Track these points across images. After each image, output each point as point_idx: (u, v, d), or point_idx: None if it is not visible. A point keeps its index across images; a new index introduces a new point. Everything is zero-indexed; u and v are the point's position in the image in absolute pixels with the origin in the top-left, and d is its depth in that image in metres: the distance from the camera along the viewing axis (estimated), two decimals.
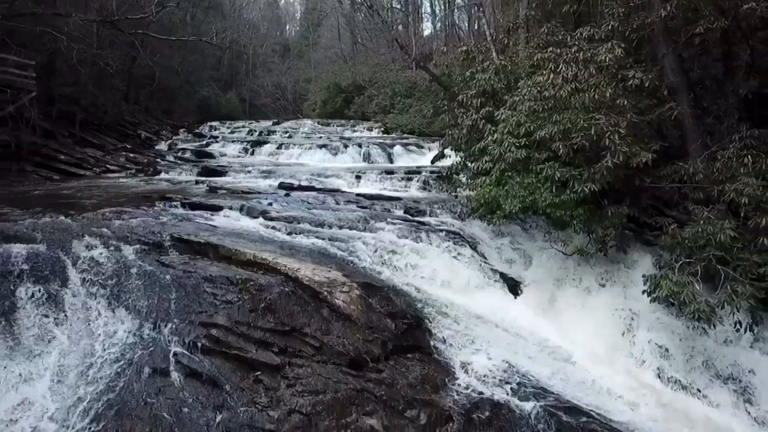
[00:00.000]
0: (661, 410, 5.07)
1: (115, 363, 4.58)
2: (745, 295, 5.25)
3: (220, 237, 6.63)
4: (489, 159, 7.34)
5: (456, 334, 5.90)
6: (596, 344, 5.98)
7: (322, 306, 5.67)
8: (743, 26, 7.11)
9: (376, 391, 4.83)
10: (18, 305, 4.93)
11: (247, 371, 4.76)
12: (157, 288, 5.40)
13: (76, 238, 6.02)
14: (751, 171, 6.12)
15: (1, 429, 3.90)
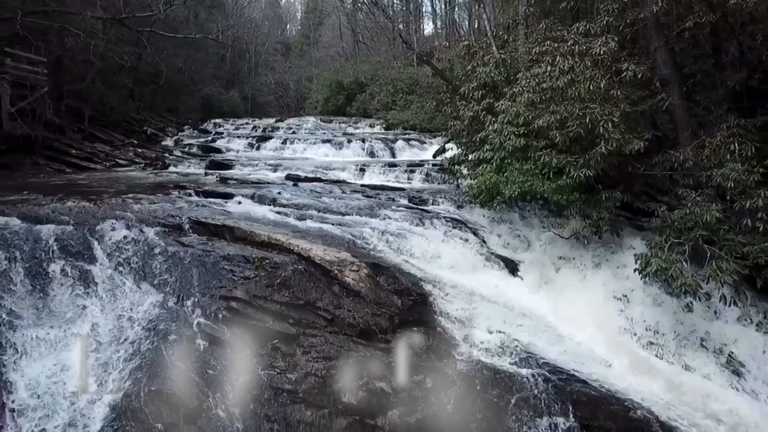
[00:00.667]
0: (650, 378, 5.43)
1: (143, 330, 4.96)
2: (729, 270, 5.61)
3: (235, 220, 6.99)
4: (489, 148, 7.71)
5: (458, 310, 6.25)
6: (590, 320, 6.33)
7: (333, 283, 6.04)
8: (731, 21, 7.47)
9: (384, 359, 5.20)
10: (52, 279, 5.31)
11: (265, 340, 5.13)
12: (179, 265, 5.77)
13: (100, 220, 6.39)
14: (737, 157, 6.46)
15: (46, 386, 4.26)
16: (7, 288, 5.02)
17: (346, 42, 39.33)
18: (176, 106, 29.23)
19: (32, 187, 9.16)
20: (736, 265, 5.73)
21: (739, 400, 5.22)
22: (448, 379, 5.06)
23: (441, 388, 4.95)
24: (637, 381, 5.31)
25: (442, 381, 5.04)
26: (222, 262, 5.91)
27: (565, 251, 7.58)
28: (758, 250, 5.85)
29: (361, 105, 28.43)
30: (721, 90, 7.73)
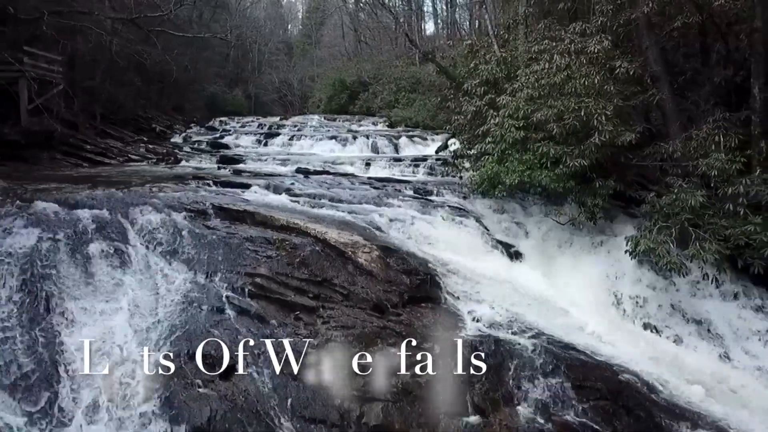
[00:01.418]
0: (637, 347, 5.94)
1: (177, 302, 5.46)
2: (711, 250, 6.13)
3: (255, 207, 7.50)
4: (491, 140, 8.23)
5: (462, 288, 6.77)
6: (586, 297, 6.85)
7: (348, 263, 6.56)
8: (717, 21, 8.00)
9: (396, 329, 5.71)
10: (93, 257, 5.82)
11: (287, 311, 5.64)
12: (206, 246, 6.29)
13: (131, 206, 6.90)
14: (721, 148, 7.00)
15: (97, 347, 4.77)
16: (54, 264, 5.53)
17: (348, 42, 39.83)
18: (182, 104, 29.71)
19: (57, 179, 9.66)
20: (718, 246, 6.25)
21: (717, 365, 5.74)
22: (454, 347, 5.56)
23: (448, 354, 5.45)
24: (625, 349, 5.81)
25: (448, 348, 5.54)
26: (245, 243, 6.43)
27: (562, 237, 8.09)
28: (739, 233, 6.37)
29: (364, 103, 28.95)
30: (709, 86, 8.26)
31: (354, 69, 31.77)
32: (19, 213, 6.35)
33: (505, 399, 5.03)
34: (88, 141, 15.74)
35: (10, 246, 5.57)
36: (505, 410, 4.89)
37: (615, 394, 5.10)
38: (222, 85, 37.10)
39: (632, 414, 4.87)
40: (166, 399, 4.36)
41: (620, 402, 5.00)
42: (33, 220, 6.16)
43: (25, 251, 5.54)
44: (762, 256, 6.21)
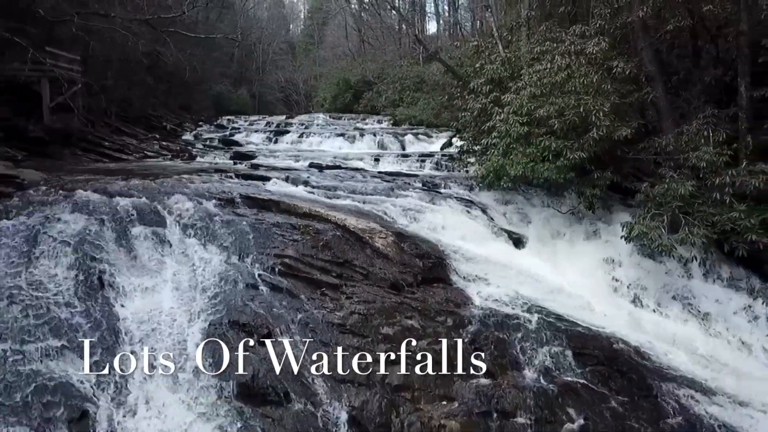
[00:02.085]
0: (631, 322, 6.52)
1: (216, 280, 6.03)
2: (699, 234, 6.71)
3: (278, 197, 8.09)
4: (497, 135, 8.81)
5: (471, 271, 7.34)
6: (584, 279, 7.43)
7: (366, 247, 7.15)
8: (708, 25, 8.58)
9: (412, 304, 6.29)
10: (136, 239, 6.41)
11: (314, 288, 6.23)
12: (237, 231, 6.87)
13: (165, 194, 7.51)
14: (710, 142, 7.57)
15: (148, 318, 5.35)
16: (102, 246, 6.12)
17: (351, 42, 40.40)
18: (189, 103, 30.31)
19: (85, 172, 10.22)
20: (705, 231, 6.83)
21: (703, 337, 6.32)
22: (464, 320, 6.15)
23: (460, 326, 6.04)
24: (619, 323, 6.40)
25: (459, 321, 6.13)
26: (273, 228, 7.02)
27: (562, 225, 8.67)
28: (725, 219, 6.96)
29: (368, 102, 29.53)
30: (700, 85, 8.83)
31: (359, 68, 32.36)
32: (65, 201, 6.98)
33: (511, 364, 5.61)
34: (106, 138, 16.32)
35: (62, 230, 6.18)
36: (512, 373, 5.47)
37: (610, 360, 5.68)
38: (227, 84, 37.70)
39: (626, 376, 5.45)
40: (213, 360, 4.94)
41: (615, 366, 5.59)
42: (78, 207, 6.77)
43: (75, 234, 6.14)
44: (746, 241, 6.79)
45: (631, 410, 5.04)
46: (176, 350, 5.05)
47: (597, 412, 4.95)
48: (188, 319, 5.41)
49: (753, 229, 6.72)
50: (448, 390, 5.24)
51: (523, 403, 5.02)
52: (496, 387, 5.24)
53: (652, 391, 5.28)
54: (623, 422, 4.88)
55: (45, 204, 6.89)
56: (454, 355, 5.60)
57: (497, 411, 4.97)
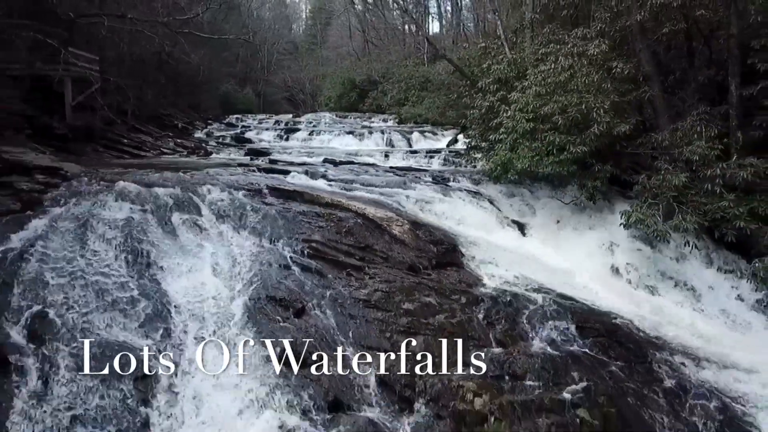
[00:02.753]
0: (629, 301, 7.13)
1: (251, 261, 6.64)
2: (692, 221, 7.31)
3: (301, 188, 8.69)
4: (504, 131, 9.41)
5: (481, 256, 7.94)
6: (586, 264, 8.03)
7: (384, 234, 7.76)
8: (701, 28, 9.17)
9: (429, 284, 6.89)
10: (176, 225, 7.02)
11: (340, 269, 6.83)
12: (267, 218, 7.48)
13: (198, 185, 8.12)
14: (702, 137, 8.17)
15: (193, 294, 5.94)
16: (146, 230, 6.73)
17: (355, 42, 40.98)
18: (197, 102, 30.89)
19: (117, 166, 10.84)
20: (697, 218, 7.43)
21: (693, 314, 6.94)
22: (477, 298, 6.75)
23: (473, 303, 6.64)
24: (618, 302, 7.01)
25: (472, 299, 6.73)
26: (299, 216, 7.64)
27: (565, 215, 9.28)
28: (716, 208, 7.57)
29: (374, 101, 30.13)
30: (694, 84, 9.44)
31: (364, 68, 32.97)
32: (107, 191, 7.59)
33: (521, 336, 6.21)
34: (124, 136, 16.93)
35: (109, 216, 6.81)
36: (521, 343, 6.07)
37: (610, 332, 6.28)
38: (233, 84, 38.31)
39: (624, 346, 6.06)
40: (256, 329, 5.53)
41: (614, 338, 6.19)
42: (121, 196, 7.39)
43: (121, 220, 6.76)
44: (734, 227, 7.39)
45: (629, 374, 5.64)
46: (222, 321, 5.64)
47: (598, 376, 5.54)
48: (230, 295, 6.01)
49: (741, 217, 7.33)
50: (465, 357, 5.83)
51: (531, 368, 5.61)
52: (507, 354, 5.82)
53: (647, 358, 5.88)
54: (621, 384, 5.48)
55: (90, 193, 7.50)
56: (470, 327, 6.21)
57: (509, 374, 5.56)
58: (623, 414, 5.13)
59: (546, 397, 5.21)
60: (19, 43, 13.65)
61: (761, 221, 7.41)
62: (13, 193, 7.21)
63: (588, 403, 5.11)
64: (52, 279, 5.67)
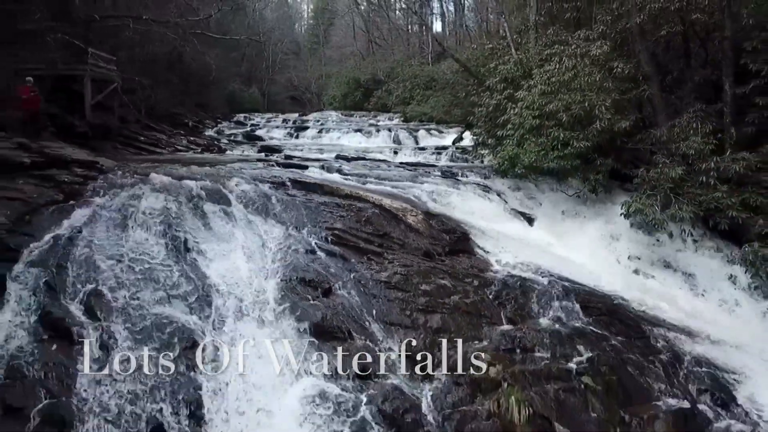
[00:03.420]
0: (629, 284, 7.68)
1: (280, 247, 7.18)
2: (687, 211, 7.86)
3: (321, 181, 9.24)
4: (511, 127, 9.95)
5: (490, 244, 8.49)
6: (589, 252, 8.59)
7: (400, 223, 8.31)
8: (697, 30, 9.71)
9: (443, 268, 7.44)
10: (208, 214, 7.55)
11: (361, 254, 7.38)
12: (292, 208, 8.03)
13: (225, 178, 8.67)
14: (698, 133, 8.71)
15: (230, 276, 6.48)
16: (182, 219, 7.27)
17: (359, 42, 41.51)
18: (205, 101, 31.43)
19: (143, 161, 11.38)
20: (693, 208, 7.97)
21: (688, 296, 7.49)
22: (488, 281, 7.31)
23: (484, 286, 7.19)
24: (619, 285, 7.57)
25: (484, 282, 7.28)
26: (321, 206, 8.19)
27: (569, 207, 9.83)
28: (710, 199, 8.10)
29: (378, 100, 30.68)
30: (690, 83, 9.97)
31: (369, 68, 33.50)
32: (142, 183, 8.12)
33: (530, 314, 6.77)
34: (140, 133, 17.47)
35: (148, 206, 7.34)
36: (530, 321, 6.62)
37: (611, 311, 6.84)
38: (239, 83, 38.86)
39: (623, 323, 6.61)
40: (289, 306, 6.07)
41: (615, 316, 6.75)
42: (156, 188, 7.92)
43: (159, 209, 7.30)
44: (727, 217, 7.93)
45: (628, 347, 6.19)
46: (258, 299, 6.19)
47: (600, 349, 6.08)
48: (264, 277, 6.56)
49: (734, 207, 7.87)
50: (478, 333, 6.38)
51: (540, 341, 6.16)
52: (517, 330, 6.38)
53: (645, 333, 6.44)
54: (622, 356, 6.02)
55: (126, 185, 8.02)
56: (483, 307, 6.76)
57: (520, 348, 6.11)
58: (624, 381, 5.68)
59: (554, 367, 5.77)
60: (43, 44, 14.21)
61: (752, 211, 7.94)
62: (56, 184, 7.71)
63: (592, 372, 5.67)
64: (102, 262, 6.23)
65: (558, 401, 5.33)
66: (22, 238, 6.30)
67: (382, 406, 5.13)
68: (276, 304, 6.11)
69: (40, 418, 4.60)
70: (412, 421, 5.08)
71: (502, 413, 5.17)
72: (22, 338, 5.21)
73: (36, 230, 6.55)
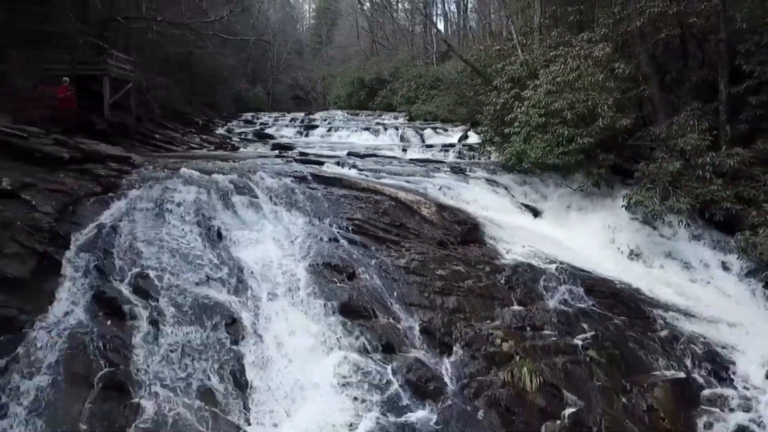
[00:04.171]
0: (629, 270, 8.23)
1: (305, 235, 7.71)
2: (684, 202, 8.40)
3: (339, 175, 9.78)
4: (518, 125, 10.51)
5: (500, 235, 9.02)
6: (592, 242, 9.14)
7: (415, 215, 8.86)
8: (695, 32, 10.25)
9: (457, 256, 7.98)
10: (237, 205, 8.10)
11: (380, 243, 7.92)
12: (314, 200, 8.57)
13: (251, 172, 9.20)
14: (695, 130, 9.25)
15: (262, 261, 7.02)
16: (214, 209, 7.82)
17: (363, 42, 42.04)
18: (212, 101, 32.01)
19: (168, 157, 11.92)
20: (690, 200, 8.52)
21: (685, 282, 8.04)
22: (499, 268, 7.84)
23: (495, 272, 7.72)
24: (620, 271, 8.11)
25: (495, 268, 7.82)
26: (341, 199, 8.74)
27: (572, 200, 10.39)
28: (706, 192, 8.64)
29: (383, 100, 31.21)
30: (688, 83, 10.52)
31: (374, 67, 34.03)
32: (173, 176, 8.66)
33: (538, 297, 7.30)
34: (156, 132, 18.01)
35: (181, 197, 7.88)
36: (539, 303, 7.16)
37: (613, 294, 7.38)
38: (245, 83, 39.41)
39: (625, 305, 7.15)
40: (319, 287, 6.61)
41: (617, 299, 7.29)
42: (186, 181, 8.46)
43: (192, 200, 7.85)
44: (722, 208, 8.46)
45: (629, 326, 6.74)
46: (289, 282, 6.73)
47: (604, 326, 6.63)
48: (293, 261, 7.10)
49: (728, 199, 8.41)
50: (491, 313, 6.93)
51: (548, 320, 6.70)
52: (527, 311, 6.92)
53: (645, 313, 6.98)
54: (624, 333, 6.57)
55: (159, 179, 8.55)
56: (495, 290, 7.30)
57: (530, 326, 6.65)
58: (625, 355, 6.23)
59: (561, 342, 6.32)
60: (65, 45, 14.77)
61: (746, 203, 8.48)
62: (93, 178, 8.23)
63: (596, 347, 6.22)
64: (144, 248, 6.77)
65: (566, 372, 5.87)
66: (69, 226, 6.85)
67: (407, 376, 5.68)
68: (306, 286, 6.65)
69: (102, 384, 5.14)
70: (434, 388, 5.63)
71: (516, 382, 5.71)
72: (80, 314, 5.76)
73: (80, 219, 7.10)
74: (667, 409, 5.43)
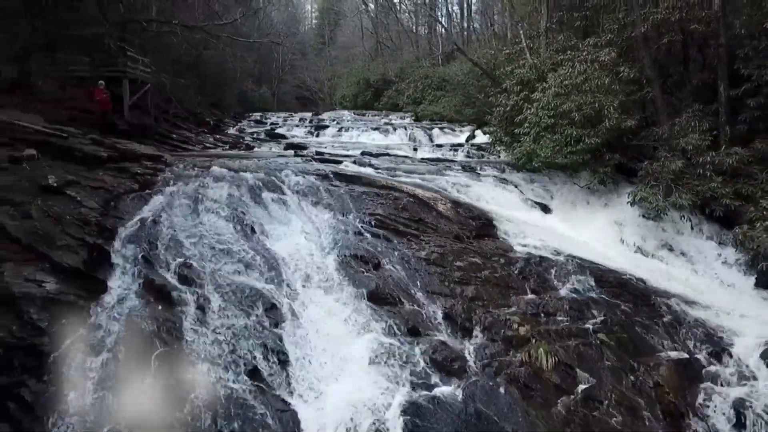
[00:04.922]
0: (635, 264, 8.76)
1: (331, 229, 8.24)
2: (686, 199, 8.94)
3: (358, 174, 10.31)
4: (528, 125, 11.04)
5: (512, 230, 9.55)
6: (599, 236, 9.67)
7: (432, 210, 9.39)
8: (696, 38, 10.78)
9: (473, 249, 8.52)
10: (267, 201, 8.63)
11: (401, 236, 8.45)
12: (337, 197, 9.10)
13: (277, 171, 9.73)
14: (696, 131, 9.79)
15: (293, 252, 7.55)
16: (246, 205, 8.34)
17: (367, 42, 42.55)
18: (219, 101, 32.55)
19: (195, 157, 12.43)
20: (691, 196, 9.06)
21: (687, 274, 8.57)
22: (512, 260, 8.38)
23: (510, 263, 8.26)
24: (626, 264, 8.64)
25: (509, 260, 8.35)
26: (363, 195, 9.27)
27: (580, 197, 10.92)
28: (706, 189, 9.18)
29: (389, 100, 31.72)
30: (689, 86, 11.05)
31: (380, 68, 34.55)
32: (204, 174, 9.19)
33: (551, 287, 7.84)
34: (171, 131, 18.54)
35: (214, 194, 8.41)
36: (551, 291, 7.69)
37: (621, 284, 7.92)
38: (251, 83, 39.94)
39: (632, 294, 7.69)
40: (348, 276, 7.14)
41: (624, 288, 7.82)
42: (218, 178, 8.99)
43: (225, 196, 8.38)
44: (722, 204, 9.01)
45: (636, 312, 7.27)
46: (320, 271, 7.27)
47: (612, 313, 7.16)
48: (322, 253, 7.64)
49: (727, 196, 8.96)
50: (507, 301, 7.45)
51: (561, 307, 7.23)
52: (541, 299, 7.45)
53: (650, 300, 7.52)
54: (631, 318, 7.10)
55: (191, 176, 9.08)
56: (510, 280, 7.83)
57: (543, 313, 7.17)
58: (633, 338, 6.76)
59: (573, 327, 6.85)
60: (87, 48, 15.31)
61: (744, 200, 9.02)
62: (131, 176, 8.75)
63: (605, 330, 6.74)
64: (184, 240, 7.28)
65: (578, 353, 6.40)
66: (114, 220, 7.35)
67: (433, 356, 6.19)
68: (335, 274, 7.18)
69: (158, 362, 5.66)
70: (458, 367, 6.14)
71: (533, 362, 6.23)
72: (133, 300, 6.27)
73: (123, 214, 7.61)
74: (672, 385, 5.96)
